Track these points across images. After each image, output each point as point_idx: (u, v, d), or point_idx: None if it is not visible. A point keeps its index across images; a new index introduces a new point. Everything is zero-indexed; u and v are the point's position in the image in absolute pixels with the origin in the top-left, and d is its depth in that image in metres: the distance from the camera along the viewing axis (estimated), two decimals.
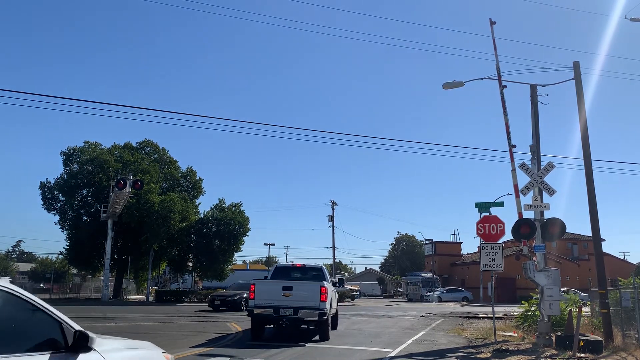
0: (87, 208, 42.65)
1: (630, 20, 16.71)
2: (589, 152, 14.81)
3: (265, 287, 14.18)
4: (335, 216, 57.68)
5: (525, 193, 14.43)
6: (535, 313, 16.09)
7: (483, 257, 15.01)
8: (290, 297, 13.67)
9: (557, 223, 14.08)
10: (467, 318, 25.21)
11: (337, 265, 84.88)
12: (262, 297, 13.82)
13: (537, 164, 14.80)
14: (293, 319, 13.67)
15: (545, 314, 13.56)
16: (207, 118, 41.61)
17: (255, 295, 13.88)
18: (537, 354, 11.99)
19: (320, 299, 13.57)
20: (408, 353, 12.28)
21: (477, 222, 15.76)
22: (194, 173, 46.89)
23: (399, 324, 21.02)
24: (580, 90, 15.29)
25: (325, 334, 14.13)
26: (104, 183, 40.01)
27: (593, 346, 11.91)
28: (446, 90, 16.93)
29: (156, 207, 37.79)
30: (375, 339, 14.83)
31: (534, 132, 15.44)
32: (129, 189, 33.82)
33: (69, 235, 42.68)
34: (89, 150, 42.56)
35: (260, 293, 13.90)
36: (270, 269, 18.57)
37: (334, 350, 12.30)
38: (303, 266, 17.02)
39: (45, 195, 41.98)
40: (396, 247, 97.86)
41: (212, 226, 41.68)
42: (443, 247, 69.37)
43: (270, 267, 53.88)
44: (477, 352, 12.53)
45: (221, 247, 41.08)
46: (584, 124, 15.10)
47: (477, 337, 15.55)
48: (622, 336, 13.76)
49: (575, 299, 17.08)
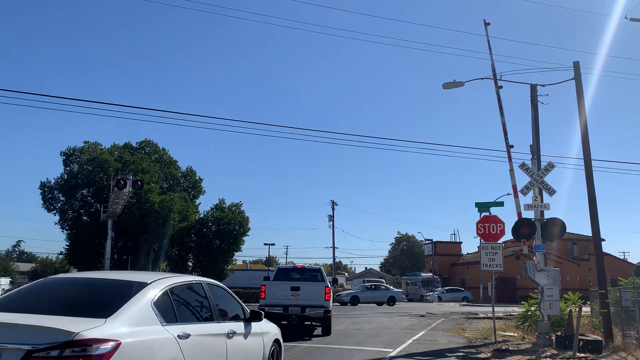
0: (87, 208, 42.63)
1: (630, 20, 16.71)
2: (589, 152, 14.81)
3: (275, 288, 15.43)
4: (335, 216, 57.71)
5: (525, 193, 14.43)
6: (535, 313, 16.09)
7: (483, 257, 15.01)
8: (297, 296, 15.08)
9: (557, 223, 14.07)
10: (467, 318, 25.21)
11: (337, 265, 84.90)
12: (272, 297, 15.19)
13: (537, 164, 14.80)
14: (301, 316, 14.99)
15: (545, 313, 13.56)
16: (207, 118, 41.78)
17: (266, 295, 15.26)
18: (537, 353, 11.99)
19: (324, 298, 15.05)
20: (408, 353, 12.28)
21: (477, 222, 15.76)
22: (194, 173, 46.89)
23: (398, 324, 21.02)
24: (580, 90, 15.29)
25: (328, 329, 15.28)
26: (104, 183, 39.99)
27: (593, 346, 11.91)
28: (446, 90, 16.96)
29: (156, 207, 37.79)
30: (375, 339, 14.84)
31: (534, 132, 15.45)
32: (129, 189, 33.77)
33: (69, 235, 42.67)
34: (89, 150, 42.56)
35: (270, 293, 15.30)
36: (273, 270, 19.99)
37: (334, 350, 12.32)
38: (303, 267, 17.73)
39: (45, 195, 41.96)
40: (396, 247, 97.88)
41: (212, 226, 41.69)
42: (443, 247, 69.31)
43: (270, 267, 54.03)
44: (477, 352, 12.53)
45: (221, 247, 41.09)
46: (584, 124, 15.11)
47: (477, 337, 15.55)
48: (622, 336, 13.76)
49: (575, 298, 17.08)
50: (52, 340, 3.88)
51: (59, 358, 3.85)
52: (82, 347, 3.90)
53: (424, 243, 73.88)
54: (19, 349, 3.89)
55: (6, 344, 3.92)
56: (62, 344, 3.86)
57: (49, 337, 3.90)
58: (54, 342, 3.86)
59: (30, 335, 3.95)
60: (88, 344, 3.92)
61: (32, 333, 3.98)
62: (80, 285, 5.41)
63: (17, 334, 3.99)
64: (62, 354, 3.85)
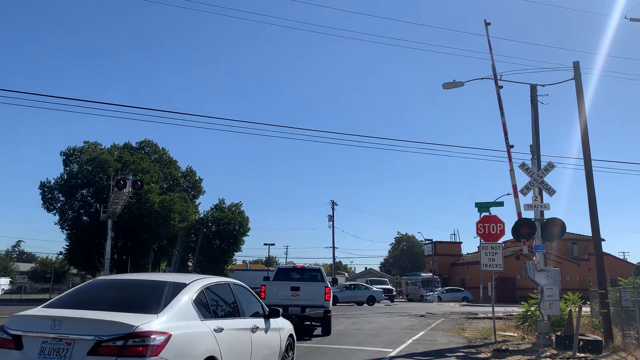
0: (87, 208, 42.65)
1: (630, 20, 16.70)
2: (589, 152, 14.81)
3: (275, 288, 15.43)
4: (335, 216, 57.68)
5: (525, 193, 14.42)
6: (535, 313, 16.08)
7: (483, 257, 15.00)
8: (297, 296, 15.06)
9: (557, 223, 14.06)
10: (467, 318, 25.19)
11: (337, 265, 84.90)
12: (272, 297, 15.05)
13: (537, 164, 14.79)
14: (301, 316, 14.90)
15: (545, 313, 13.56)
16: (207, 118, 41.75)
17: (266, 295, 15.15)
18: (537, 353, 11.99)
19: (324, 298, 15.06)
20: (408, 353, 12.28)
21: (477, 222, 15.74)
22: (194, 173, 46.93)
23: (398, 324, 21.01)
24: (580, 90, 15.28)
25: (328, 329, 15.24)
26: (104, 183, 40.01)
27: (593, 346, 11.90)
28: (446, 90, 16.95)
29: (156, 207, 37.80)
30: (375, 339, 14.84)
31: (533, 132, 15.44)
32: (129, 189, 33.76)
33: (69, 235, 42.70)
34: (89, 150, 42.59)
35: (270, 293, 15.25)
36: (273, 270, 19.86)
37: (334, 350, 12.31)
38: (303, 267, 17.69)
39: (45, 195, 41.98)
40: (396, 247, 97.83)
41: (212, 226, 41.72)
42: (443, 247, 69.27)
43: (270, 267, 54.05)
44: (477, 352, 12.52)
45: (221, 247, 41.12)
46: (584, 124, 15.10)
47: (477, 337, 15.54)
48: (622, 336, 13.75)
49: (575, 298, 17.08)
50: (116, 332, 4.63)
51: (123, 347, 4.58)
52: (142, 338, 4.64)
53: (424, 243, 73.83)
54: (89, 339, 4.64)
55: (78, 335, 4.68)
56: (125, 335, 4.61)
57: (113, 329, 4.65)
58: (118, 334, 4.62)
59: (97, 328, 4.70)
60: (146, 335, 4.67)
61: (99, 326, 4.71)
62: (129, 285, 6.15)
63: (86, 327, 4.75)
64: (125, 343, 4.59)
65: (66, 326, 4.76)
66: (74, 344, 4.67)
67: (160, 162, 43.87)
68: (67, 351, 4.68)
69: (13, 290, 57.71)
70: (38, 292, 58.14)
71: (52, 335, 4.73)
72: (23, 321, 5.00)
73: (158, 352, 4.67)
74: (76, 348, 4.66)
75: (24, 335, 4.82)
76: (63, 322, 4.80)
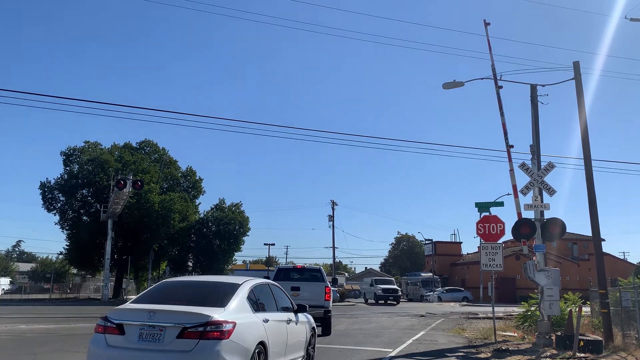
0: (87, 208, 42.63)
1: (630, 20, 16.71)
2: (589, 152, 14.80)
3: None
4: (335, 216, 57.55)
5: (525, 193, 14.42)
6: (535, 313, 16.08)
7: (483, 257, 15.00)
8: (297, 296, 14.81)
9: (557, 223, 14.06)
10: (467, 318, 25.20)
11: (337, 265, 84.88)
12: None
13: (537, 163, 14.79)
14: None
15: (545, 314, 13.56)
16: (207, 118, 41.72)
17: None
18: (537, 353, 11.99)
19: (325, 297, 15.25)
20: (408, 353, 12.28)
21: (477, 222, 15.75)
22: (194, 173, 46.89)
23: (398, 323, 21.02)
24: (580, 90, 15.28)
25: (328, 329, 15.28)
26: (104, 183, 39.99)
27: (593, 346, 11.90)
28: (446, 90, 16.95)
29: (156, 207, 37.78)
30: (375, 339, 14.85)
31: (533, 132, 15.44)
32: (129, 189, 33.79)
33: (69, 235, 42.68)
34: (89, 150, 42.56)
35: None
36: (273, 270, 19.94)
37: (334, 350, 12.31)
38: (303, 267, 17.69)
39: (46, 195, 41.95)
40: (396, 247, 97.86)
41: (212, 226, 41.71)
42: (443, 247, 69.29)
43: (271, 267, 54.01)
44: (477, 352, 12.52)
45: (221, 247, 41.11)
46: (584, 124, 15.10)
47: (477, 337, 15.54)
48: (622, 336, 13.74)
49: (575, 298, 17.07)
50: (197, 321, 6.01)
51: (203, 332, 5.95)
52: (217, 325, 6.03)
53: (424, 243, 73.85)
54: (177, 326, 5.99)
55: (169, 323, 6.03)
56: (204, 323, 5.99)
57: (194, 319, 6.03)
58: (199, 322, 5.99)
59: (182, 318, 6.05)
60: (220, 324, 6.06)
61: (184, 316, 6.08)
62: (197, 285, 7.66)
63: (174, 317, 6.09)
64: (205, 329, 5.96)
65: (158, 316, 6.07)
66: (166, 330, 5.99)
67: (160, 162, 43.85)
68: (160, 336, 6.01)
69: (13, 290, 57.70)
70: (38, 291, 58.13)
71: (149, 323, 6.05)
72: (123, 313, 6.35)
73: (228, 336, 6.03)
74: (167, 333, 5.98)
75: (125, 324, 6.16)
76: (156, 313, 6.10)
